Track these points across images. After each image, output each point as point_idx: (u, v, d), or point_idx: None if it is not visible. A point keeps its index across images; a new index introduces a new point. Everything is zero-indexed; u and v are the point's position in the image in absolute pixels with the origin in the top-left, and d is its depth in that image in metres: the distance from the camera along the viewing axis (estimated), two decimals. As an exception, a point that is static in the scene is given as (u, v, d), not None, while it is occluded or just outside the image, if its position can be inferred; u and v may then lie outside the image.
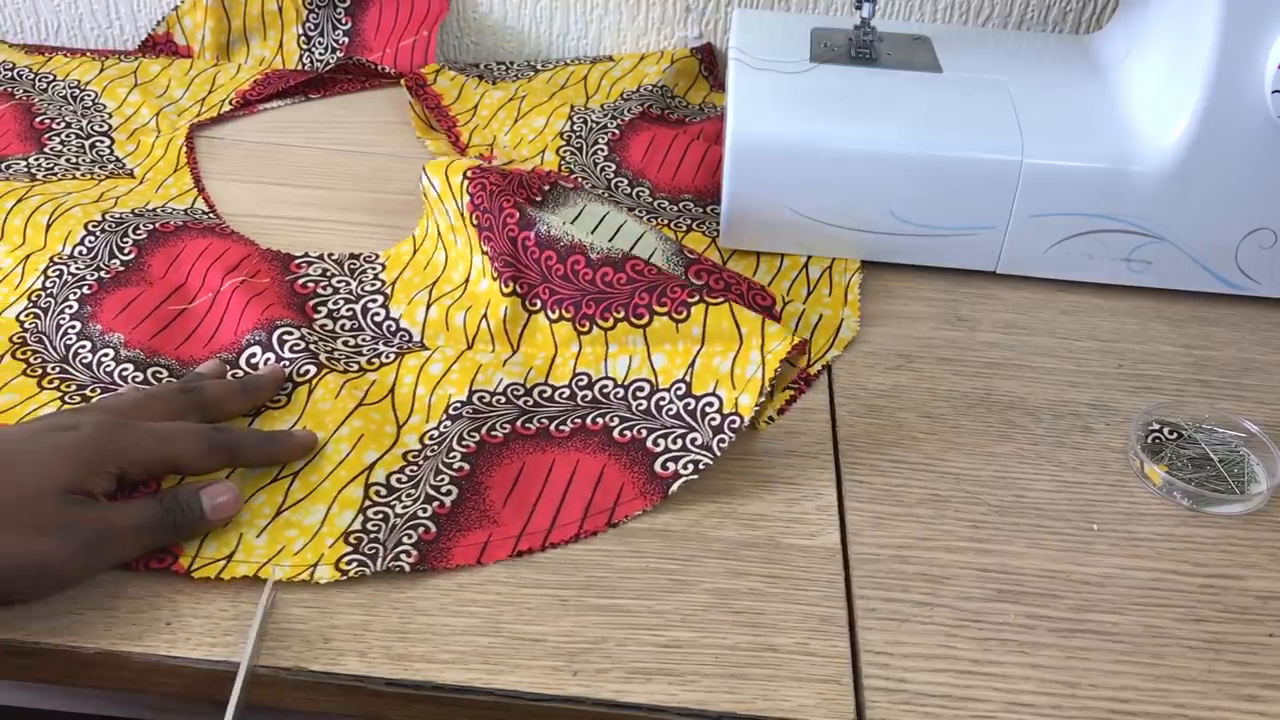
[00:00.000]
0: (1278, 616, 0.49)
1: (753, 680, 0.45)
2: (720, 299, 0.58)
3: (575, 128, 0.80)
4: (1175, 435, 0.57)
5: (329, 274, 0.65)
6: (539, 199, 0.64)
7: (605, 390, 0.58)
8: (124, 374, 0.58)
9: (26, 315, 0.62)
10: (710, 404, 0.55)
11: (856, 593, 0.49)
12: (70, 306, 0.62)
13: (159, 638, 0.45)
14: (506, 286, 0.61)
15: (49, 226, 0.67)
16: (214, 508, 0.49)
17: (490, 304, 0.62)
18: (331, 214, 0.73)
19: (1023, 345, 0.64)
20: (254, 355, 0.58)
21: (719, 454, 0.53)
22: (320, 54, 0.92)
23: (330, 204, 0.74)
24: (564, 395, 0.58)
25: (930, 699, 0.45)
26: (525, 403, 0.57)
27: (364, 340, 0.61)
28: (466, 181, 0.64)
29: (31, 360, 0.58)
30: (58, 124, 0.79)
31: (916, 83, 0.72)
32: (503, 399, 0.57)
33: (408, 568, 0.48)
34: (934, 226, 0.68)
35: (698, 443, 0.54)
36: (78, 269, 0.64)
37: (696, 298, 0.58)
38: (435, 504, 0.51)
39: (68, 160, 0.76)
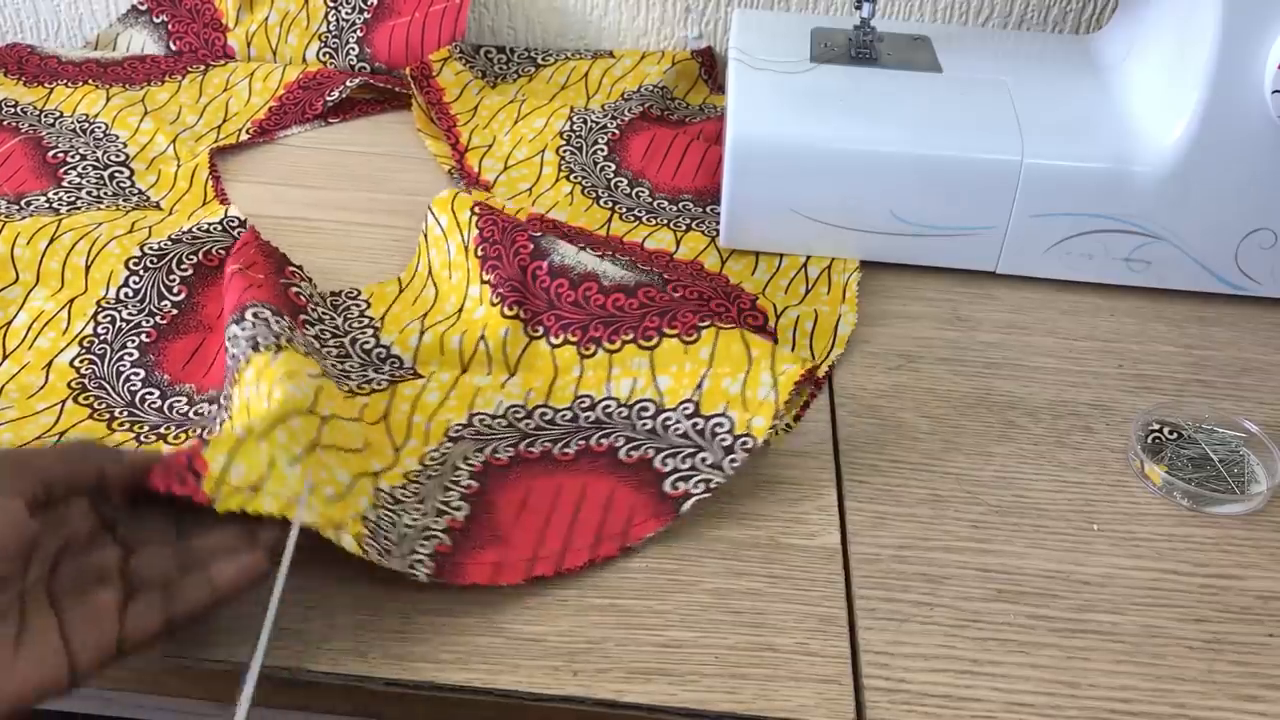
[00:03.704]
0: (1278, 616, 0.49)
1: (752, 680, 0.45)
2: (732, 325, 0.57)
3: (575, 127, 0.80)
4: (1175, 435, 0.57)
5: (314, 300, 0.63)
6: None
7: (609, 410, 0.57)
8: (199, 414, 0.56)
9: (81, 360, 0.59)
10: (720, 424, 0.54)
11: (856, 593, 0.49)
12: (130, 354, 0.59)
13: (159, 637, 0.45)
14: (510, 310, 0.60)
15: (88, 268, 0.64)
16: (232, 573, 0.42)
17: (488, 326, 0.60)
18: (332, 214, 0.73)
19: (1023, 345, 0.64)
20: (260, 311, 0.54)
21: (731, 473, 0.52)
22: (346, 14, 0.90)
23: (331, 204, 0.74)
24: (566, 418, 0.57)
25: (930, 699, 0.45)
26: (527, 425, 0.56)
27: (351, 367, 0.59)
28: (475, 216, 0.64)
29: (96, 405, 0.56)
30: (72, 157, 0.76)
31: (916, 83, 0.72)
32: (504, 421, 0.56)
33: (424, 577, 0.47)
34: (934, 226, 0.68)
35: (708, 462, 0.53)
36: (130, 314, 0.62)
37: (708, 322, 0.57)
38: (448, 517, 0.50)
39: (89, 193, 0.74)
